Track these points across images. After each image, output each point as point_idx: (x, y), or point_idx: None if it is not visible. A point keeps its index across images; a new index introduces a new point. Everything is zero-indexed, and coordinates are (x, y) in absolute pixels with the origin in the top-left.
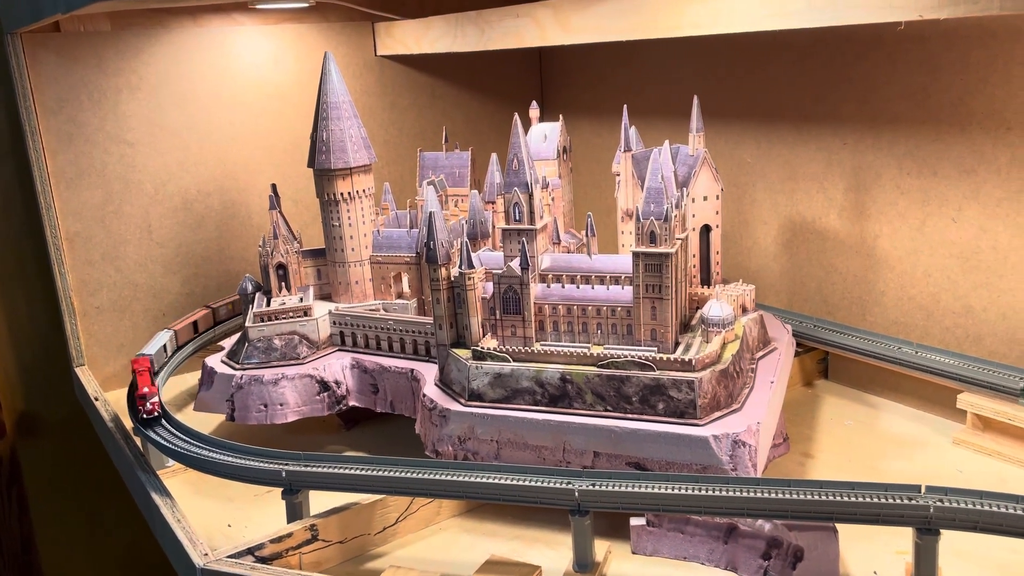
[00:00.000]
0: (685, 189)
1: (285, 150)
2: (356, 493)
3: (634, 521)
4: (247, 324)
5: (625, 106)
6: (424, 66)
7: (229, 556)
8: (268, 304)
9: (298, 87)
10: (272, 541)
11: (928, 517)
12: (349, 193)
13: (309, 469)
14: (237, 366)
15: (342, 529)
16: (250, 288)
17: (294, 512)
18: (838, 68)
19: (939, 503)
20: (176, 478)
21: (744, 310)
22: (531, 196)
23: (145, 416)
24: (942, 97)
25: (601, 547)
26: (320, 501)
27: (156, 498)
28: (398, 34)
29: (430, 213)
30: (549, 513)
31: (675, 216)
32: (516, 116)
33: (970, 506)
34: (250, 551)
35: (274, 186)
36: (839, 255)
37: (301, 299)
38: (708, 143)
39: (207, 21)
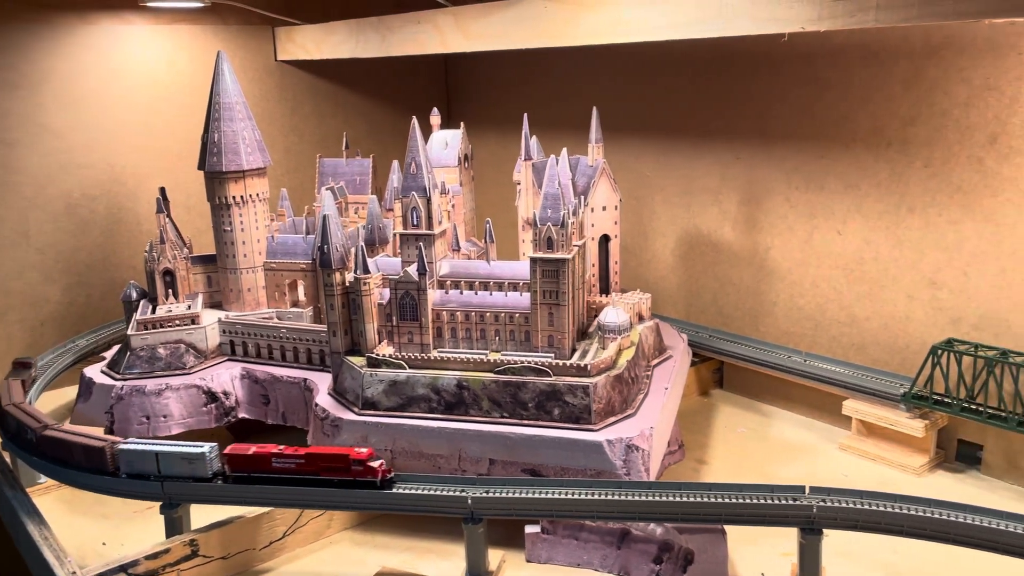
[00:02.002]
0: (583, 198)
1: (179, 154)
2: (244, 506)
3: (529, 529)
4: (129, 332)
5: (525, 115)
6: (326, 72)
7: (99, 574)
8: (154, 312)
9: (192, 89)
10: (147, 558)
11: (811, 517)
12: (242, 197)
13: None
14: (118, 376)
15: (225, 544)
16: (134, 295)
17: (173, 527)
18: (732, 85)
19: (822, 503)
20: (50, 495)
21: (641, 318)
22: (429, 201)
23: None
24: (828, 114)
25: (495, 556)
26: (202, 515)
27: (22, 515)
28: (299, 39)
29: (324, 216)
30: (443, 523)
31: (572, 223)
32: (414, 119)
33: (851, 505)
34: (123, 568)
35: (162, 189)
36: (733, 267)
37: (189, 307)
38: (609, 156)
39: (95, 18)
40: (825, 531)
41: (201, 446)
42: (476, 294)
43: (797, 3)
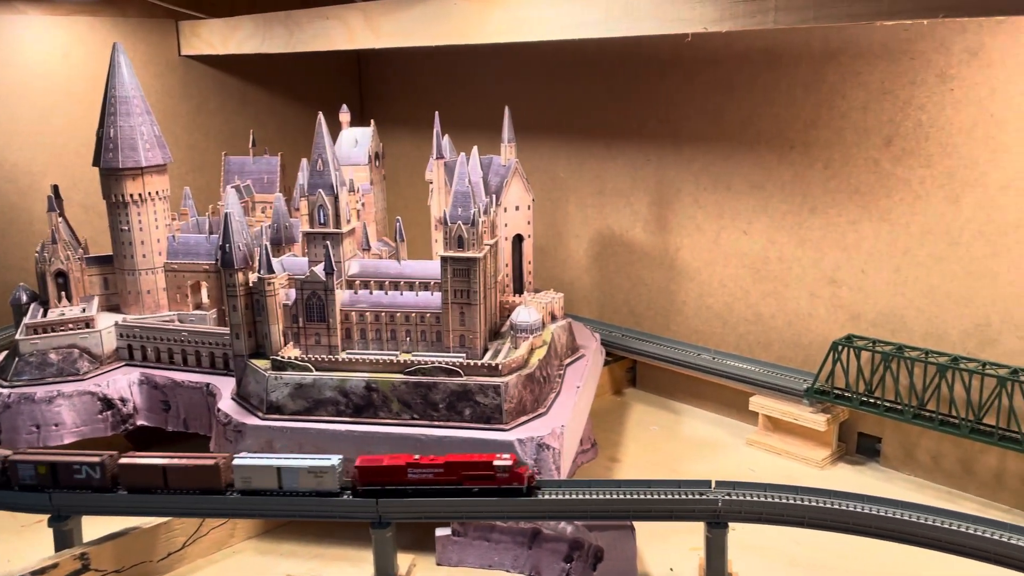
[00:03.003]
0: (495, 196)
1: (76, 151)
2: (134, 517)
3: (439, 532)
4: (18, 337)
5: (436, 113)
6: (234, 69)
7: None
8: (45, 315)
9: (90, 84)
10: (34, 573)
11: (717, 511)
12: (140, 195)
13: None
14: (5, 383)
15: (118, 557)
16: (24, 298)
17: (63, 541)
18: (642, 87)
19: (727, 497)
20: None
21: (553, 317)
22: (336, 199)
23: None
24: (734, 116)
25: (404, 560)
26: (96, 527)
27: None
28: (204, 34)
29: (226, 215)
30: (350, 528)
31: (483, 222)
32: (320, 115)
33: (755, 499)
34: None
35: (55, 187)
36: (645, 267)
37: (84, 309)
38: (524, 157)
39: None
40: (732, 525)
41: (329, 458)
42: (386, 294)
43: (700, 4)
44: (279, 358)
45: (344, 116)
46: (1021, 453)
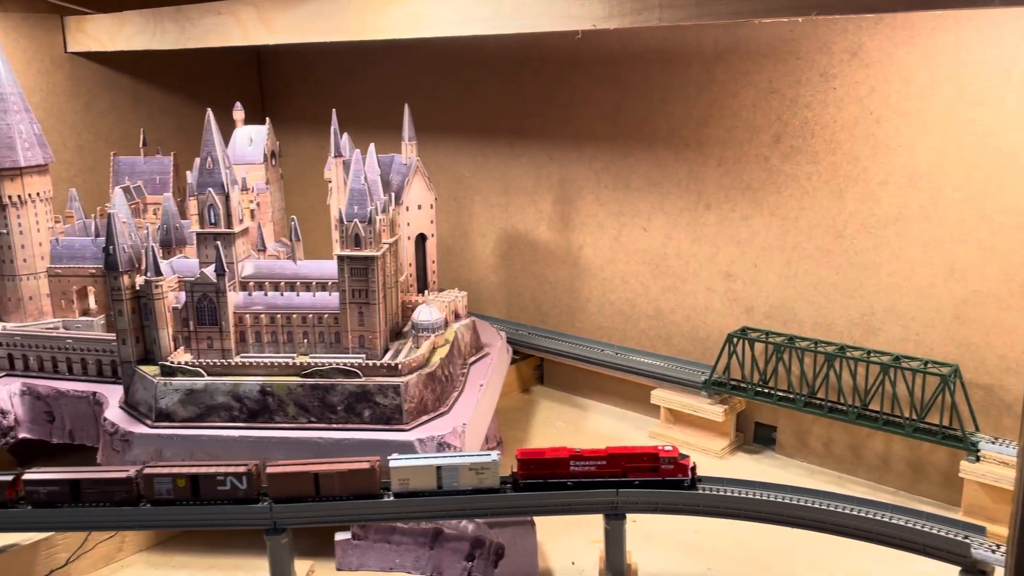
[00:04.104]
0: (395, 195)
1: None
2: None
3: (339, 536)
4: None
5: (334, 111)
6: (126, 66)
7: None
8: None
9: None
10: None
11: (615, 503)
12: (20, 196)
13: None
14: None
15: None
16: None
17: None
18: (543, 87)
19: (624, 489)
20: None
21: (457, 316)
22: (228, 198)
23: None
24: (631, 116)
25: (303, 567)
26: None
27: None
28: (91, 29)
29: (109, 215)
30: (246, 536)
31: (381, 220)
32: (209, 112)
33: (650, 490)
34: None
35: None
36: (549, 265)
37: None
38: (429, 156)
39: None
40: (632, 516)
41: (489, 454)
42: (282, 295)
43: (588, 2)
44: (169, 364)
45: (238, 114)
46: (905, 437)
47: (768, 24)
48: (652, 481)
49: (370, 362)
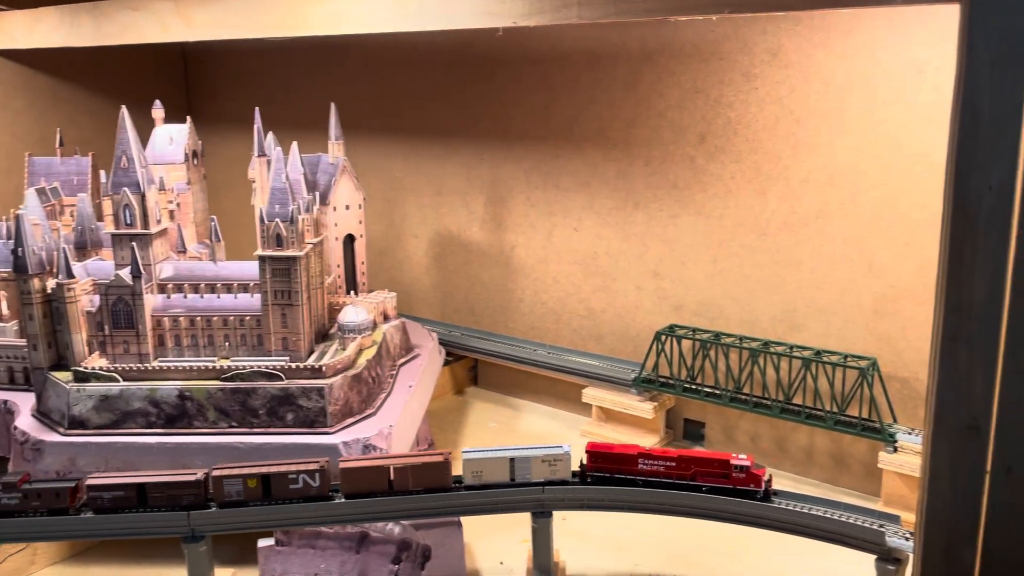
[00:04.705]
0: (318, 194)
1: None
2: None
3: (262, 542)
4: None
5: (257, 109)
6: (44, 64)
7: None
8: None
9: None
10: None
11: (542, 501)
12: None
13: None
14: None
15: None
16: None
17: None
18: (474, 87)
19: (551, 486)
20: None
21: (386, 317)
22: (144, 197)
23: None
24: (560, 116)
25: (224, 575)
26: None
27: None
28: (5, 26)
29: (17, 216)
30: (166, 545)
31: (304, 219)
32: (123, 109)
33: (576, 487)
34: None
35: None
36: (482, 266)
37: None
38: (360, 156)
39: None
40: (564, 514)
41: (561, 446)
42: (202, 297)
43: None
44: (83, 369)
45: (157, 112)
46: (827, 430)
47: (691, 25)
48: (722, 489)
49: (293, 364)
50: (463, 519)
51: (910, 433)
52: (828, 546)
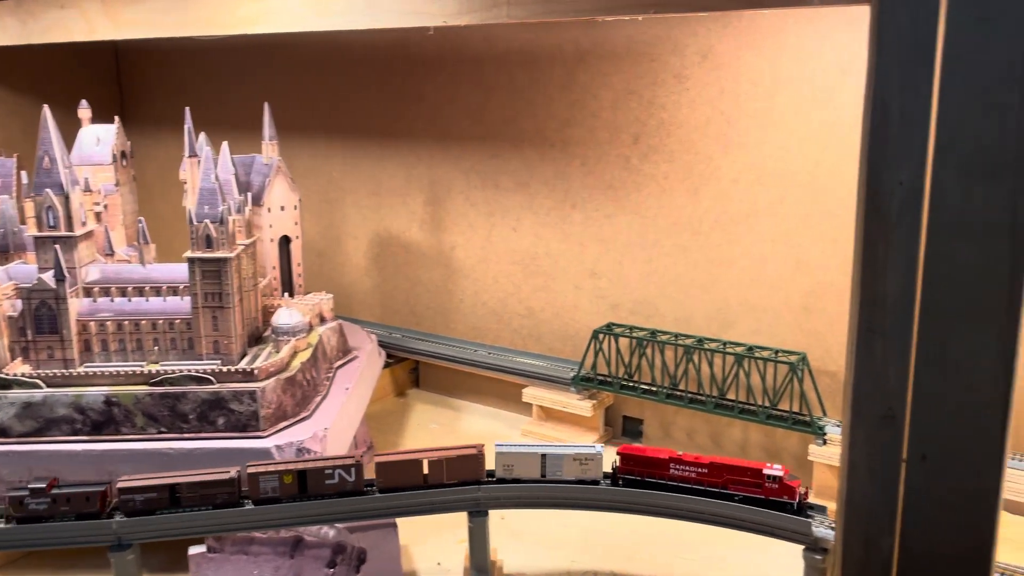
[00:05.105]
0: (251, 194)
1: None
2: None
3: (192, 550)
4: None
5: (187, 109)
6: None
7: None
8: None
9: None
10: None
11: (478, 500)
12: None
13: None
14: None
15: None
16: None
17: None
18: (411, 87)
19: (487, 485)
20: None
21: (323, 319)
22: (67, 199)
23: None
24: (497, 116)
25: None
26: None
27: None
28: None
29: None
30: (93, 554)
31: (235, 220)
32: (45, 108)
33: (512, 485)
34: None
35: None
36: (423, 267)
37: None
38: (298, 157)
39: None
40: (502, 514)
41: (594, 446)
42: (130, 301)
43: None
44: (4, 376)
45: (84, 112)
46: (759, 424)
47: (624, 27)
48: (755, 499)
49: (225, 368)
50: (398, 520)
51: (838, 426)
52: (765, 538)
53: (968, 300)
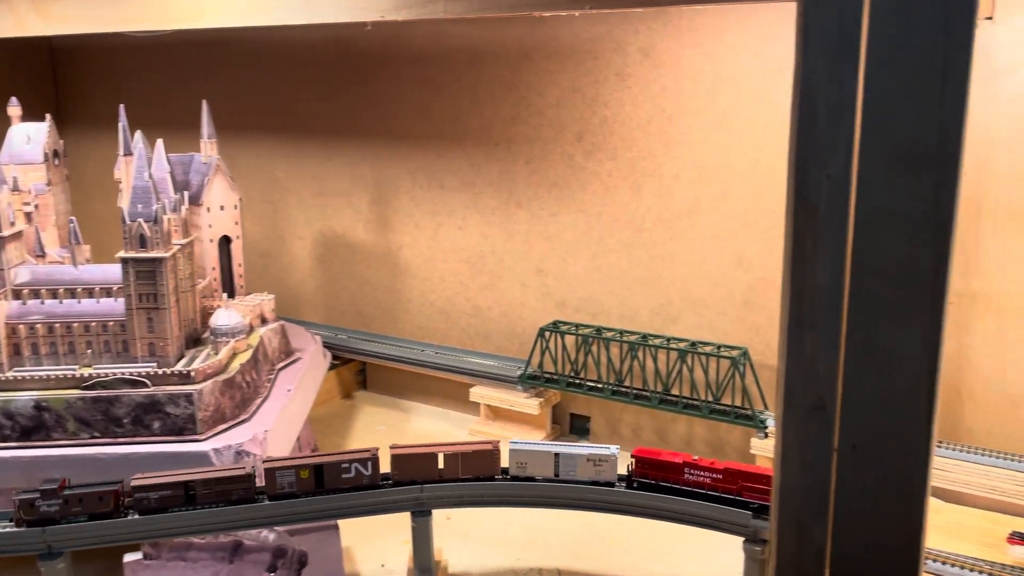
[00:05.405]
0: (188, 193)
1: None
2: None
3: (128, 557)
4: None
5: (122, 107)
6: None
7: None
8: None
9: None
10: None
11: (420, 500)
12: None
13: None
14: None
15: None
16: None
17: None
18: (356, 85)
19: (428, 485)
20: None
21: (264, 320)
22: None
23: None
24: (442, 115)
25: None
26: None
27: None
28: None
29: None
30: (22, 562)
31: (170, 219)
32: None
33: (454, 483)
34: None
35: None
36: (369, 267)
37: None
38: (242, 157)
39: None
40: (446, 514)
41: (609, 447)
42: (61, 303)
43: None
44: None
45: (14, 110)
46: (703, 419)
47: (567, 25)
48: (766, 507)
49: (160, 370)
50: (340, 522)
51: None
52: (713, 532)
53: (894, 291)
